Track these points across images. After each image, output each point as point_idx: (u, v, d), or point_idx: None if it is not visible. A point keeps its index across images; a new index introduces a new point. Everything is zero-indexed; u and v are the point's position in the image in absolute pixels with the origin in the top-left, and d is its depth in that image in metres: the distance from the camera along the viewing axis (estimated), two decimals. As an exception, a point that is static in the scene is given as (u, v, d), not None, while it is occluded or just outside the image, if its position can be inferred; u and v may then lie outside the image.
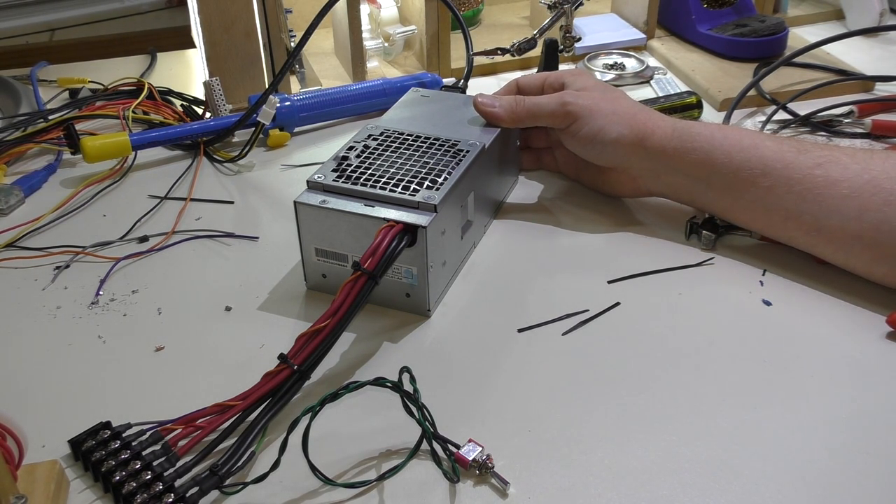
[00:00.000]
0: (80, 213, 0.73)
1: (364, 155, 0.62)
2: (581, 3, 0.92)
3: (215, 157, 0.81)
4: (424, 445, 0.48)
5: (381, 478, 0.46)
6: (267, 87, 0.83)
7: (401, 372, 0.48)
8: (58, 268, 0.65)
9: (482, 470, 0.46)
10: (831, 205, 0.58)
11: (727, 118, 0.83)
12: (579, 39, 0.95)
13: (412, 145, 0.63)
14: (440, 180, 0.59)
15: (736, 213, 0.63)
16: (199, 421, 0.48)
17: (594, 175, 0.71)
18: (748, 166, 0.61)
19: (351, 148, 0.63)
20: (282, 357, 0.50)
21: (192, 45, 0.99)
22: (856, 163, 0.59)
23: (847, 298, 0.59)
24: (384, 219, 0.56)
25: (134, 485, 0.45)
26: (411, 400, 0.47)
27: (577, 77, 0.69)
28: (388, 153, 0.62)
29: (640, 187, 0.68)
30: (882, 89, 0.90)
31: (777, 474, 0.46)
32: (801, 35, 1.01)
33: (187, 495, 0.45)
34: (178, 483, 0.46)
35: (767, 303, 0.59)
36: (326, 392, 0.45)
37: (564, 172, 0.75)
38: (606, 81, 0.76)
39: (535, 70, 0.93)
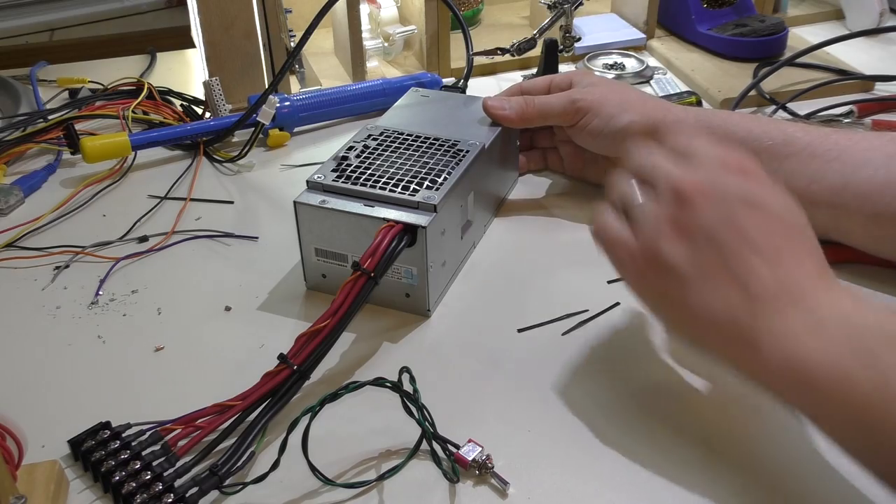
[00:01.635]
0: (80, 213, 0.73)
1: (364, 155, 0.62)
2: (581, 3, 0.92)
3: (215, 157, 0.80)
4: (424, 445, 0.48)
5: (381, 478, 0.46)
6: (267, 87, 0.83)
7: (401, 372, 0.48)
8: (57, 268, 0.65)
9: (482, 470, 0.46)
10: (859, 158, 0.58)
11: (727, 118, 0.83)
12: (579, 39, 0.95)
13: (412, 145, 0.63)
14: (440, 180, 0.59)
15: None
16: (199, 421, 0.48)
17: (602, 170, 0.71)
18: (769, 136, 0.61)
19: (351, 148, 0.63)
20: (282, 357, 0.50)
21: (192, 45, 0.98)
22: (873, 134, 0.59)
23: (847, 298, 0.59)
24: (384, 219, 0.56)
25: (134, 485, 0.45)
26: (411, 400, 0.47)
27: (584, 76, 0.70)
28: (387, 153, 0.62)
29: None
30: (882, 89, 0.90)
31: (777, 474, 0.46)
32: (800, 35, 1.01)
33: (187, 495, 0.45)
34: (177, 483, 0.46)
35: (767, 303, 0.59)
36: (326, 392, 0.45)
37: (570, 171, 0.75)
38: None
39: (534, 70, 0.93)
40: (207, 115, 0.85)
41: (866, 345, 0.39)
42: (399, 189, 0.58)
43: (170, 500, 0.44)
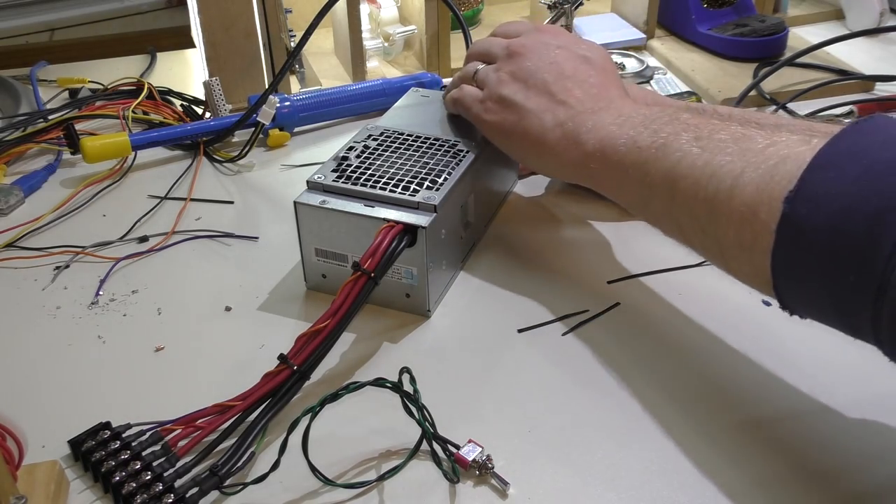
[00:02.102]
0: (80, 213, 0.73)
1: (364, 155, 0.62)
2: (581, 3, 0.92)
3: (215, 157, 0.80)
4: (424, 446, 0.48)
5: (381, 478, 0.46)
6: (267, 87, 0.83)
7: (401, 372, 0.48)
8: (58, 268, 0.65)
9: (482, 470, 0.46)
10: None
11: (727, 118, 0.83)
12: (579, 39, 0.95)
13: (412, 145, 0.63)
14: (440, 180, 0.59)
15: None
16: (199, 421, 0.48)
17: None
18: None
19: (351, 148, 0.63)
20: (282, 357, 0.50)
21: (192, 45, 0.98)
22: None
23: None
24: (384, 219, 0.56)
25: (134, 485, 0.45)
26: (411, 400, 0.47)
27: None
28: (388, 153, 0.62)
29: None
30: (882, 89, 0.90)
31: (778, 474, 0.46)
32: (801, 35, 1.01)
33: (187, 496, 0.45)
34: (177, 483, 0.46)
35: (767, 303, 0.59)
36: (326, 392, 0.45)
37: None
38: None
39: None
40: (207, 115, 0.85)
41: (653, 124, 0.51)
42: (399, 189, 0.58)
43: (170, 501, 0.44)
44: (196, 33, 0.89)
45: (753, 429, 0.49)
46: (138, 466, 0.46)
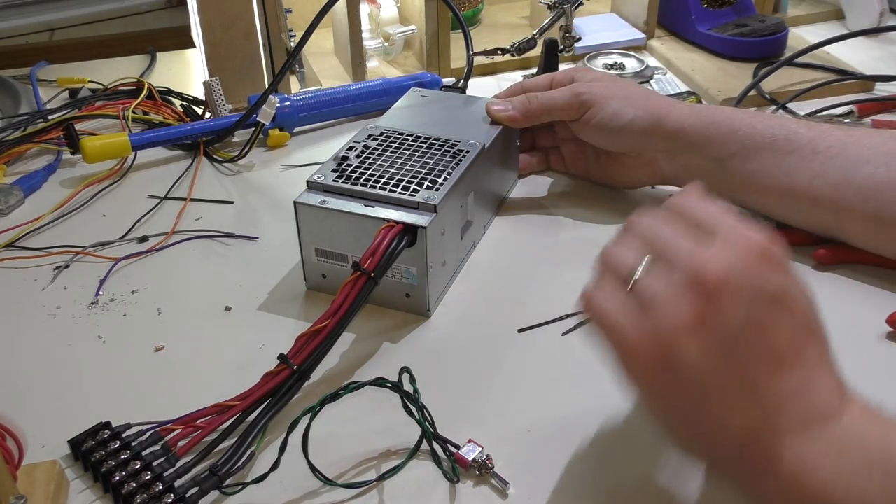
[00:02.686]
0: (80, 213, 0.73)
1: (364, 155, 0.62)
2: (581, 3, 0.92)
3: (215, 157, 0.80)
4: (424, 446, 0.48)
5: (381, 478, 0.47)
6: (267, 87, 0.83)
7: (401, 372, 0.48)
8: (57, 268, 0.65)
9: (482, 470, 0.46)
10: (862, 154, 0.58)
11: (727, 118, 0.83)
12: (579, 39, 0.95)
13: (412, 145, 0.63)
14: (440, 180, 0.59)
15: (753, 187, 0.63)
16: (199, 421, 0.48)
17: (606, 166, 0.71)
18: (772, 133, 0.61)
19: (351, 148, 0.63)
20: (282, 357, 0.50)
21: (192, 45, 0.98)
22: (874, 130, 0.60)
23: (846, 298, 0.59)
24: (384, 219, 0.56)
25: (134, 485, 0.45)
26: (411, 400, 0.47)
27: (586, 72, 0.70)
28: (387, 153, 0.62)
29: (655, 172, 0.68)
30: (882, 89, 0.90)
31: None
32: (800, 35, 1.01)
33: (187, 495, 0.45)
34: (177, 483, 0.46)
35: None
36: (326, 392, 0.45)
37: (572, 170, 0.74)
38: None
39: (534, 70, 0.93)
40: (207, 115, 0.85)
41: (888, 472, 0.35)
42: (399, 189, 0.58)
43: (170, 501, 0.44)
44: (196, 33, 0.89)
45: (753, 429, 0.49)
46: (138, 466, 0.46)
